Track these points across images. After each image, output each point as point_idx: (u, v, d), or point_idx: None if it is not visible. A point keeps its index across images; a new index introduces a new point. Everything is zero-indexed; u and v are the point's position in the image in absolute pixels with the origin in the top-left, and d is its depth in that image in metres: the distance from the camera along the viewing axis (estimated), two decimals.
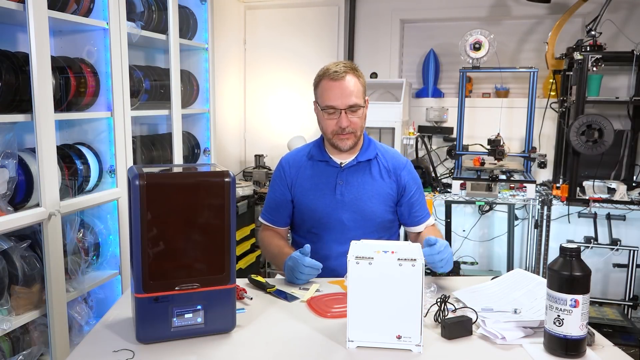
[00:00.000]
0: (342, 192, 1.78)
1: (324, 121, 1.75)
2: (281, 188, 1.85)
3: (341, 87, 1.69)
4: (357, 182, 1.79)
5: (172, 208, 1.17)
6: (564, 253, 1.13)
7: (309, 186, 1.81)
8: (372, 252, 1.18)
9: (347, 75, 1.70)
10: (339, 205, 1.77)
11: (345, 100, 1.69)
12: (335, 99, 1.70)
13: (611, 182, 3.06)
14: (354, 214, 1.77)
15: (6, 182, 1.71)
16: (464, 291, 1.48)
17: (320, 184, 1.80)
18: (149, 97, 2.51)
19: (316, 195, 1.80)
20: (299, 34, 3.87)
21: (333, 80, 1.70)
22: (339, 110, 1.70)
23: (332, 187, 1.79)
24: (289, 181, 1.85)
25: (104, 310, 1.68)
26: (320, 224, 1.80)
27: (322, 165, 1.82)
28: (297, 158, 1.87)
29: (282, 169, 1.87)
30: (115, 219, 2.25)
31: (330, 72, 1.72)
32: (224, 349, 1.19)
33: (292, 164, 1.86)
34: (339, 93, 1.70)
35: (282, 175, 1.86)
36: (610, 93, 3.17)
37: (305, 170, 1.84)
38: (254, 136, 4.09)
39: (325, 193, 1.79)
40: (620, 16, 3.25)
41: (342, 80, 1.70)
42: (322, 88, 1.74)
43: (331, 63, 1.77)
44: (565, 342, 1.12)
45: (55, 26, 2.03)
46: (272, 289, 1.52)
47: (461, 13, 3.58)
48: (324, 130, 1.78)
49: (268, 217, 1.91)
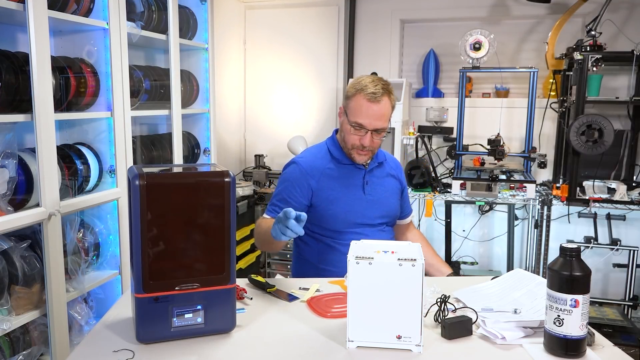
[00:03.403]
0: (371, 191, 1.84)
1: (348, 134, 1.76)
2: (298, 194, 1.79)
3: (375, 109, 1.70)
4: (379, 182, 1.87)
5: (172, 208, 1.17)
6: (564, 253, 1.13)
7: (338, 188, 1.81)
8: (372, 252, 1.18)
9: (383, 98, 1.71)
10: (369, 204, 1.83)
11: (376, 123, 1.71)
12: (367, 119, 1.71)
13: (611, 182, 3.06)
14: (381, 211, 1.85)
15: (6, 182, 1.71)
16: (464, 291, 1.48)
17: (350, 185, 1.82)
18: (149, 97, 2.51)
19: (347, 196, 1.81)
20: (299, 34, 3.87)
21: (369, 101, 1.70)
22: (366, 129, 1.72)
23: (360, 187, 1.83)
24: (312, 183, 1.80)
25: (104, 310, 1.68)
26: (350, 223, 1.80)
27: (349, 167, 1.84)
28: (317, 163, 1.84)
29: (303, 174, 1.80)
30: (115, 219, 2.25)
31: (368, 91, 1.70)
32: (224, 349, 1.19)
33: (314, 170, 1.81)
34: (372, 115, 1.70)
35: (302, 181, 1.80)
36: (610, 93, 3.17)
37: (330, 173, 1.82)
38: (254, 136, 4.09)
39: (355, 193, 1.82)
40: (620, 16, 3.25)
41: (377, 103, 1.70)
42: (356, 104, 1.72)
43: (368, 78, 1.75)
44: (565, 342, 1.12)
45: (55, 26, 2.03)
46: (272, 289, 1.52)
47: (461, 13, 3.58)
48: (345, 141, 1.79)
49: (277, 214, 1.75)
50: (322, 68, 3.86)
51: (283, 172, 1.88)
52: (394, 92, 1.76)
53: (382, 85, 1.72)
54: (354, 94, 1.73)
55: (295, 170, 1.82)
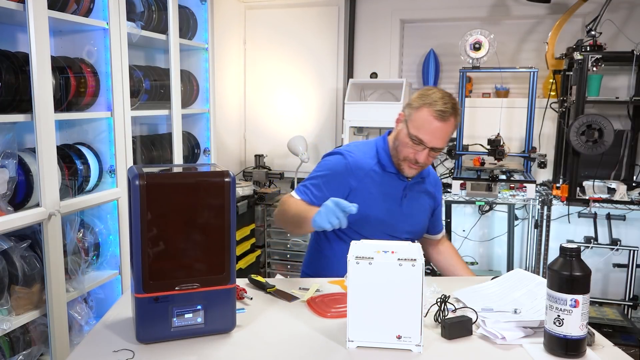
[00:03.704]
0: (406, 204, 1.78)
1: (404, 145, 1.69)
2: (335, 188, 1.70)
3: (440, 128, 1.63)
4: (416, 197, 1.81)
5: (172, 208, 1.17)
6: (564, 253, 1.13)
7: (376, 194, 1.74)
8: (372, 252, 1.18)
9: (450, 118, 1.63)
10: (402, 217, 1.77)
11: (437, 141, 1.65)
12: (429, 137, 1.64)
13: (611, 182, 3.06)
14: (411, 227, 1.80)
15: (6, 182, 1.71)
16: (464, 291, 1.48)
17: (388, 195, 1.76)
18: (149, 97, 2.51)
19: (383, 204, 1.74)
20: (299, 34, 3.87)
21: (436, 118, 1.62)
22: (425, 146, 1.65)
23: (398, 199, 1.77)
24: (353, 182, 1.72)
25: (104, 310, 1.68)
26: (378, 232, 1.73)
27: (392, 175, 1.77)
28: (364, 163, 1.75)
29: (346, 170, 1.72)
30: (115, 219, 2.25)
31: (437, 107, 1.61)
32: (224, 349, 1.19)
33: (359, 169, 1.73)
34: (436, 133, 1.63)
35: (344, 177, 1.72)
36: (610, 93, 3.17)
37: (373, 176, 1.75)
38: (254, 136, 4.09)
39: (392, 204, 1.76)
40: (620, 16, 3.25)
41: (444, 122, 1.62)
42: (421, 118, 1.63)
43: (438, 93, 1.65)
44: (565, 342, 1.12)
45: (55, 26, 2.03)
46: (272, 289, 1.52)
47: (461, 13, 3.58)
48: (398, 151, 1.71)
49: (309, 197, 1.70)
50: (322, 68, 3.86)
51: (326, 158, 1.79)
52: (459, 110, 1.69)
53: (452, 104, 1.64)
54: (420, 106, 1.64)
55: (340, 163, 1.73)
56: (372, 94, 3.77)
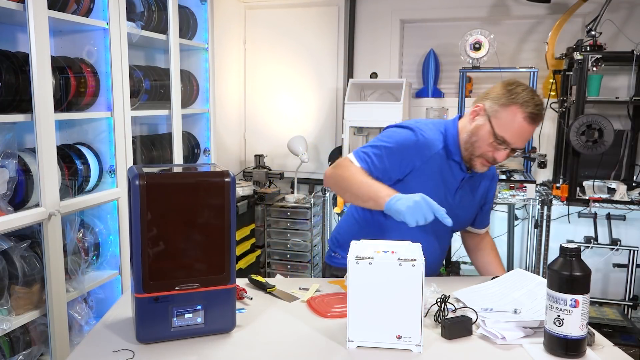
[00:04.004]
0: (459, 197, 1.69)
1: (483, 142, 1.57)
2: (397, 164, 1.59)
3: (529, 131, 1.54)
4: (470, 191, 1.73)
5: (172, 208, 1.17)
6: (564, 253, 1.13)
7: (436, 180, 1.63)
8: (372, 252, 1.18)
9: (540, 120, 1.55)
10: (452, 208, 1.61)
11: (522, 143, 1.57)
12: (516, 139, 1.54)
13: (611, 182, 3.06)
14: (457, 218, 1.66)
15: (6, 182, 1.72)
16: (464, 291, 1.48)
17: (446, 183, 1.65)
18: (149, 97, 2.51)
19: (439, 192, 1.61)
20: (299, 34, 3.87)
21: (528, 121, 1.51)
22: (509, 146, 1.56)
23: (454, 190, 1.67)
24: (417, 162, 1.60)
25: (104, 310, 1.68)
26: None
27: (455, 165, 1.65)
28: (433, 144, 1.63)
29: (415, 148, 1.60)
30: (115, 219, 2.25)
31: (529, 109, 1.50)
32: (224, 349, 1.19)
33: (426, 150, 1.61)
34: (524, 135, 1.54)
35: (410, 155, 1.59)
36: (610, 93, 3.17)
37: (437, 160, 1.63)
38: (254, 136, 4.09)
39: (447, 194, 1.66)
40: (620, 16, 3.25)
41: (534, 125, 1.53)
42: (511, 118, 1.52)
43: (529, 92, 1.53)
44: (565, 342, 1.12)
45: (55, 26, 2.03)
46: (272, 289, 1.52)
47: (461, 13, 3.58)
48: (475, 148, 1.60)
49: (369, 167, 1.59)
50: (322, 68, 3.86)
51: (394, 129, 1.66)
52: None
53: (541, 104, 1.54)
54: (509, 104, 1.52)
55: (410, 139, 1.61)
56: (372, 94, 3.77)
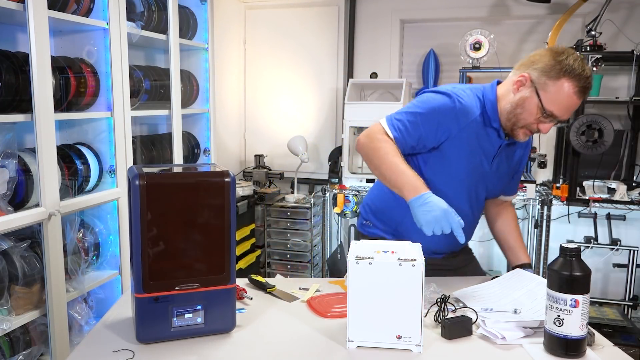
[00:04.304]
0: (496, 164, 1.63)
1: (528, 113, 1.49)
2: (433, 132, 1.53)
3: (578, 104, 1.46)
4: (506, 159, 1.66)
5: (172, 208, 1.17)
6: (564, 253, 1.13)
7: (473, 147, 1.57)
8: (372, 252, 1.18)
9: (589, 93, 1.49)
10: (488, 175, 1.63)
11: (568, 115, 1.50)
12: (565, 112, 1.47)
13: (611, 182, 3.06)
14: (492, 186, 1.68)
15: (6, 182, 1.72)
16: (464, 291, 1.48)
17: (484, 150, 1.58)
18: (149, 97, 2.51)
19: (476, 159, 1.58)
20: (299, 34, 3.87)
21: (577, 95, 1.43)
22: (556, 119, 1.49)
23: (491, 157, 1.61)
24: (454, 129, 1.53)
25: (104, 310, 1.68)
26: (458, 184, 1.60)
27: (492, 132, 1.57)
28: (471, 111, 1.55)
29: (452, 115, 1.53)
30: (115, 219, 2.25)
31: (581, 84, 1.42)
32: (224, 349, 1.19)
33: (463, 116, 1.54)
34: (572, 109, 1.47)
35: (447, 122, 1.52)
36: (610, 93, 3.17)
37: (474, 128, 1.56)
38: (254, 136, 4.09)
39: (484, 161, 1.60)
40: (620, 16, 3.25)
41: (583, 98, 1.46)
42: (561, 91, 1.43)
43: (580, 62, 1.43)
44: (565, 342, 1.12)
45: (55, 26, 2.03)
46: (272, 289, 1.52)
47: (461, 13, 3.58)
48: (519, 119, 1.52)
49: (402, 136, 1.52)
50: (322, 68, 3.86)
51: (429, 94, 1.58)
52: None
53: (592, 76, 1.45)
54: (559, 77, 1.42)
55: (447, 106, 1.53)
56: (372, 94, 3.76)
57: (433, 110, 1.52)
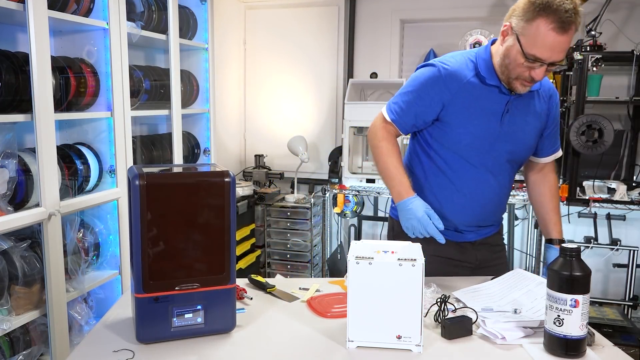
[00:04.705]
0: (508, 121, 1.55)
1: (515, 64, 1.45)
2: (427, 104, 1.55)
3: (561, 41, 1.36)
4: (522, 113, 1.57)
5: (172, 208, 1.17)
6: (564, 253, 1.13)
7: (474, 110, 1.54)
8: (372, 252, 1.18)
9: (572, 26, 1.34)
10: (502, 135, 1.56)
11: (557, 56, 1.39)
12: (549, 53, 1.38)
13: (611, 182, 3.06)
14: (513, 146, 1.59)
15: (6, 182, 1.72)
16: (464, 291, 1.48)
17: (486, 110, 1.54)
18: (149, 97, 2.51)
19: (480, 121, 1.54)
20: (299, 34, 3.87)
21: (557, 32, 1.34)
22: (543, 63, 1.40)
23: (499, 115, 1.55)
24: (446, 96, 1.54)
25: (104, 310, 1.68)
26: (474, 150, 1.57)
27: (493, 89, 1.54)
28: (461, 74, 1.54)
29: (439, 83, 1.54)
30: (115, 219, 2.25)
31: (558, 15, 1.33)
32: (224, 349, 1.19)
33: (453, 80, 1.54)
34: (556, 48, 1.37)
35: (436, 91, 1.54)
36: (610, 93, 3.17)
37: (470, 89, 1.54)
38: (254, 136, 4.09)
39: (491, 120, 1.55)
40: (620, 16, 3.25)
41: (566, 34, 1.35)
42: (537, 32, 1.36)
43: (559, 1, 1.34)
44: (565, 342, 1.12)
45: (55, 26, 2.03)
46: (272, 289, 1.52)
47: (461, 13, 3.58)
48: (509, 68, 1.48)
49: (399, 118, 1.59)
50: (322, 68, 3.86)
51: (419, 70, 1.61)
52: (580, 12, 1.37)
53: (572, 10, 1.33)
54: (535, 17, 1.37)
55: (433, 76, 1.55)
56: (372, 94, 3.77)
57: (421, 84, 1.56)
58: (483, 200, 1.63)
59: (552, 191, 1.74)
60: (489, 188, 1.62)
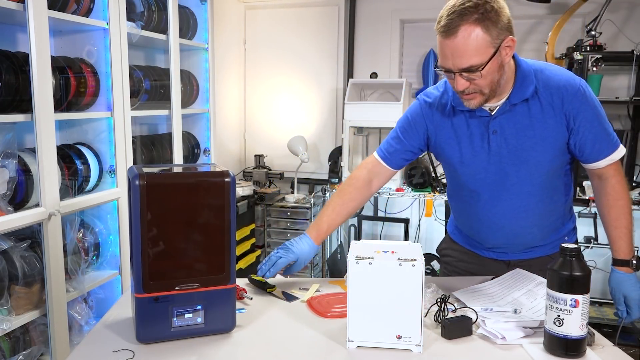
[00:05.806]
0: (498, 142, 1.46)
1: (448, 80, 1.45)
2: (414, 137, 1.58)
3: (452, 46, 1.32)
4: (514, 128, 1.45)
5: (172, 208, 1.17)
6: (564, 253, 1.13)
7: (459, 137, 1.51)
8: (372, 252, 1.18)
9: (459, 29, 1.29)
10: (497, 158, 1.48)
11: (457, 62, 1.33)
12: (446, 60, 1.36)
13: None
14: (517, 166, 1.47)
15: (6, 182, 1.72)
16: (464, 291, 1.48)
17: (473, 136, 1.49)
18: (149, 97, 2.51)
19: (467, 149, 1.50)
20: (299, 34, 3.87)
21: (442, 36, 1.33)
22: (452, 71, 1.37)
23: (484, 138, 1.48)
24: (429, 130, 1.55)
25: (104, 310, 1.68)
26: (471, 178, 1.53)
27: (468, 115, 1.49)
28: (441, 104, 1.54)
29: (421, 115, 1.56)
30: (115, 219, 2.25)
31: (440, 24, 1.33)
32: (224, 349, 1.19)
33: (431, 111, 1.54)
34: (449, 53, 1.34)
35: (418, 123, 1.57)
36: (610, 93, 3.17)
37: (451, 119, 1.52)
38: (254, 136, 4.09)
39: (477, 145, 1.49)
40: (620, 16, 3.25)
41: (453, 38, 1.30)
42: (438, 42, 1.36)
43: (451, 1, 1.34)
44: (565, 342, 1.12)
45: (55, 26, 2.03)
46: (272, 289, 1.52)
47: None
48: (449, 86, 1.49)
49: (383, 154, 1.64)
50: (322, 68, 3.86)
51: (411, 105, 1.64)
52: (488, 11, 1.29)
53: (459, 9, 1.29)
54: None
55: (416, 110, 1.58)
56: (372, 94, 3.77)
57: (407, 118, 1.62)
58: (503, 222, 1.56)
59: (611, 200, 1.52)
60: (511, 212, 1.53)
